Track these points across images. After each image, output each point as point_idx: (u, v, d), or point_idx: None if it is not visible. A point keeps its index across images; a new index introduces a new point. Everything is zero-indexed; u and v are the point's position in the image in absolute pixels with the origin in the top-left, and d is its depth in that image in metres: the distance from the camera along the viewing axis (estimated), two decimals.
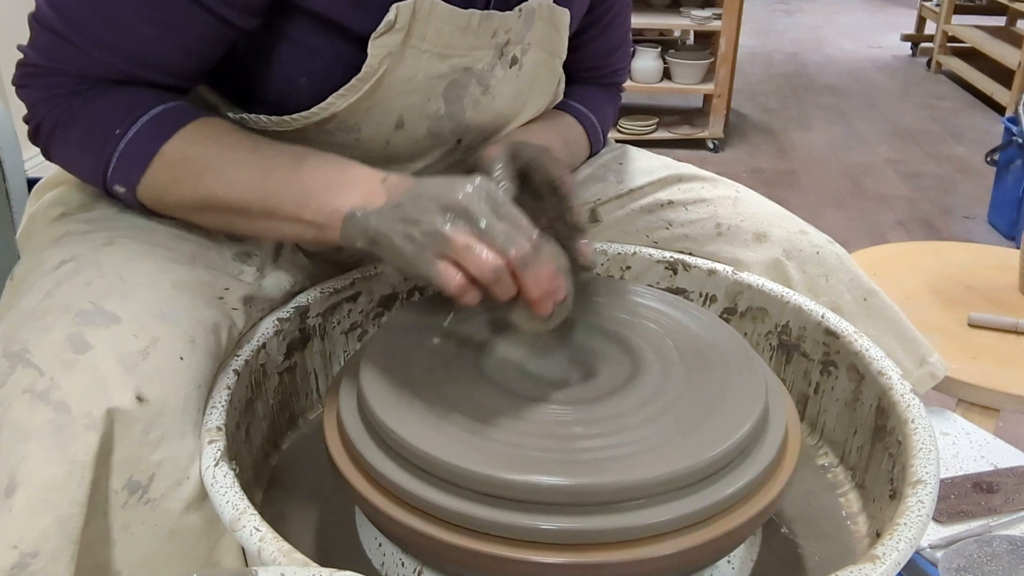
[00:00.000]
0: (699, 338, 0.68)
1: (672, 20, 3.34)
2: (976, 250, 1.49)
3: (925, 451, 0.61)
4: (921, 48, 5.00)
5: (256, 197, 0.65)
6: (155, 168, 0.67)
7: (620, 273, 0.87)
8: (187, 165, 0.66)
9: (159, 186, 0.68)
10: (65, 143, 0.69)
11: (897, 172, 3.27)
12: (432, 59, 0.72)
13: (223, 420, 0.61)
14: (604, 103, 0.96)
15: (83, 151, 0.68)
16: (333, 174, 0.65)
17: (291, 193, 0.64)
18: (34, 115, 0.70)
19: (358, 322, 0.82)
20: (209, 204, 0.67)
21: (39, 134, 0.70)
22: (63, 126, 0.68)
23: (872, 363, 0.70)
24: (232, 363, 0.67)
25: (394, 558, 0.61)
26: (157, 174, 0.67)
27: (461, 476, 0.53)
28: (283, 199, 0.65)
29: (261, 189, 0.65)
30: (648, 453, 0.55)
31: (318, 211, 0.63)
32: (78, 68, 0.67)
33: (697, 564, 0.58)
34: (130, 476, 0.56)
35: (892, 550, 0.52)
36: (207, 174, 0.66)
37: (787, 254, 0.84)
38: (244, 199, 0.66)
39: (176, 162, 0.67)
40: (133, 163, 0.67)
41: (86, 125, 0.67)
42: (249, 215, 0.66)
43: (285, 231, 0.67)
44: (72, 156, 0.70)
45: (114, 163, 0.67)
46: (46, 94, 0.68)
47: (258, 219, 0.66)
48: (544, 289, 0.58)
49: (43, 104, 0.69)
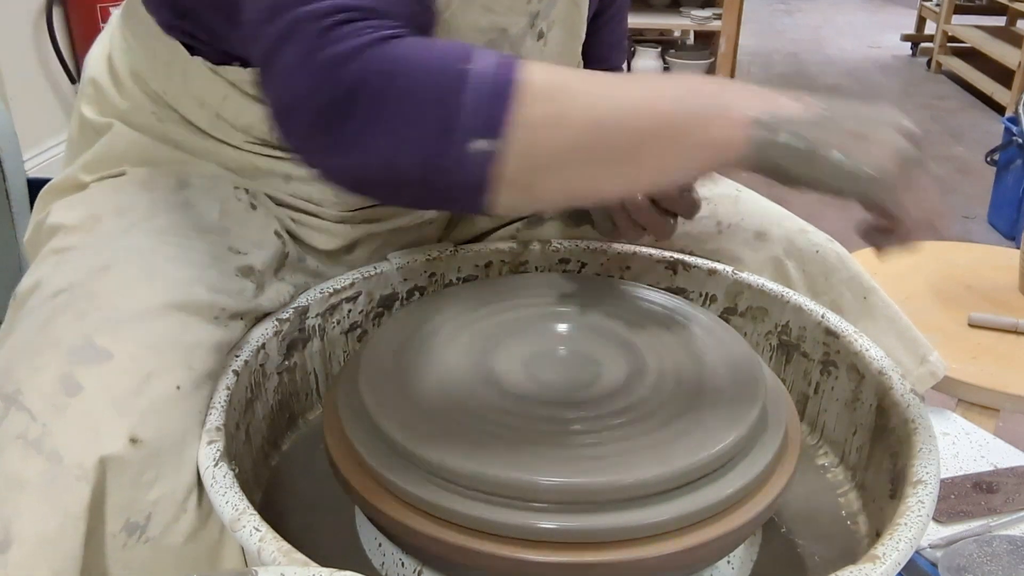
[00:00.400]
0: (699, 338, 0.68)
1: (672, 20, 3.34)
2: (976, 250, 1.49)
3: (925, 451, 0.61)
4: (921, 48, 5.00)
5: (649, 122, 0.54)
6: (522, 98, 0.51)
7: (620, 273, 0.87)
8: (559, 90, 0.53)
9: (532, 124, 0.51)
10: (385, 108, 0.51)
11: None
12: (479, 10, 0.72)
13: (223, 420, 0.61)
14: None
15: (417, 107, 0.51)
16: (724, 85, 0.56)
17: (686, 110, 0.54)
18: (320, 87, 0.51)
19: (358, 322, 0.81)
20: (596, 139, 0.53)
21: (329, 115, 0.51)
22: (382, 82, 0.51)
23: (872, 363, 0.70)
24: (232, 363, 0.67)
25: (394, 558, 0.61)
26: (526, 106, 0.51)
27: (460, 475, 0.53)
28: (677, 118, 0.53)
29: (652, 109, 0.54)
30: (647, 453, 0.55)
31: (722, 126, 0.53)
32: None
33: (697, 564, 0.58)
34: (127, 518, 0.56)
35: (892, 550, 0.52)
36: (583, 98, 0.53)
37: (787, 253, 0.84)
38: (635, 125, 0.53)
39: (544, 87, 0.52)
40: (496, 95, 0.51)
41: (419, 69, 0.51)
42: (643, 148, 0.54)
43: (682, 162, 0.55)
44: (398, 125, 0.52)
45: (470, 104, 0.50)
46: (366, 39, 0.51)
47: (653, 153, 0.54)
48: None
49: (343, 61, 0.51)
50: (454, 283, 0.86)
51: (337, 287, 0.79)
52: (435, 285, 0.85)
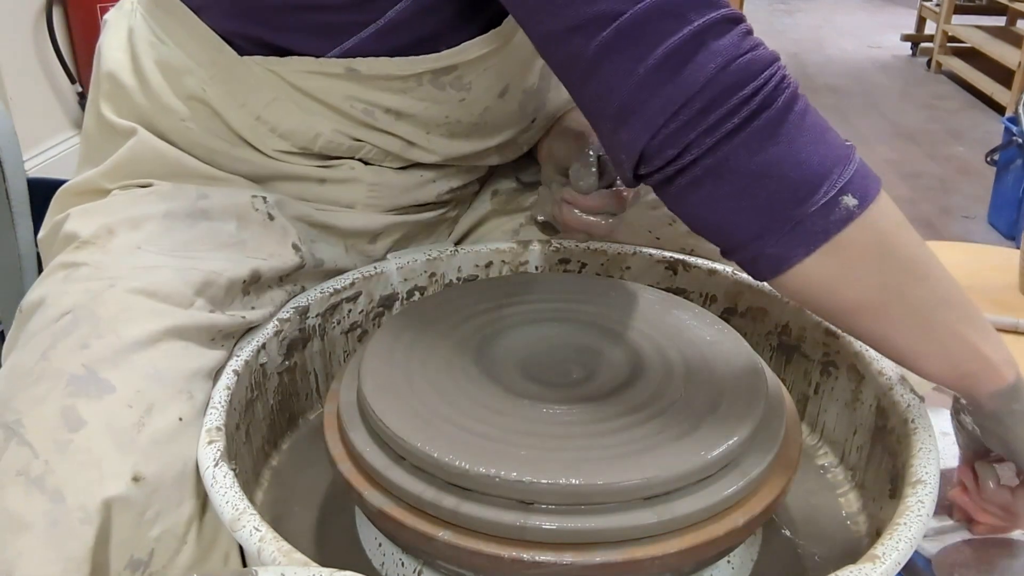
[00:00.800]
0: (699, 339, 0.68)
1: None
2: (976, 250, 1.49)
3: (925, 451, 0.61)
4: (921, 48, 5.00)
5: (944, 295, 0.58)
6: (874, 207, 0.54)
7: (620, 273, 0.87)
8: (896, 227, 0.56)
9: (881, 227, 0.55)
10: (801, 135, 0.54)
11: (897, 172, 3.27)
12: None
13: (223, 420, 0.61)
14: None
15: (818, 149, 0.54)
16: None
17: (973, 320, 0.59)
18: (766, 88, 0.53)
19: (358, 322, 0.82)
20: (892, 297, 0.56)
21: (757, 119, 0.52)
22: (802, 108, 0.54)
23: (872, 363, 0.70)
24: (232, 363, 0.67)
25: (394, 558, 0.61)
26: (859, 229, 0.54)
27: (460, 475, 0.53)
28: (968, 324, 0.59)
29: (954, 296, 0.58)
30: (647, 453, 0.55)
31: (993, 356, 0.60)
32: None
33: (697, 564, 0.58)
34: (131, 556, 0.56)
35: (892, 550, 0.52)
36: (911, 250, 0.57)
37: None
38: (937, 297, 0.58)
39: (879, 224, 0.55)
40: (863, 191, 0.54)
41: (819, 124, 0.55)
42: (934, 310, 0.58)
43: (952, 348, 0.59)
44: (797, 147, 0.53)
45: (842, 172, 0.54)
46: (785, 81, 0.54)
47: (936, 319, 0.58)
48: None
49: (786, 82, 0.54)
50: (454, 283, 0.86)
51: (337, 287, 0.79)
52: (435, 285, 0.85)
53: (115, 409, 0.58)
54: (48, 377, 0.58)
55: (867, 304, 0.57)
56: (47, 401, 0.57)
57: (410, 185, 0.81)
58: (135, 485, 0.56)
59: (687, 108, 0.52)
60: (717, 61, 0.52)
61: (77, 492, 0.54)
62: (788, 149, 0.53)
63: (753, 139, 0.52)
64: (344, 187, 0.78)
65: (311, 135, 0.75)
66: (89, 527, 0.53)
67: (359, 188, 0.79)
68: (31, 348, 0.61)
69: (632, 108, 0.53)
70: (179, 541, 0.57)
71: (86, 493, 0.54)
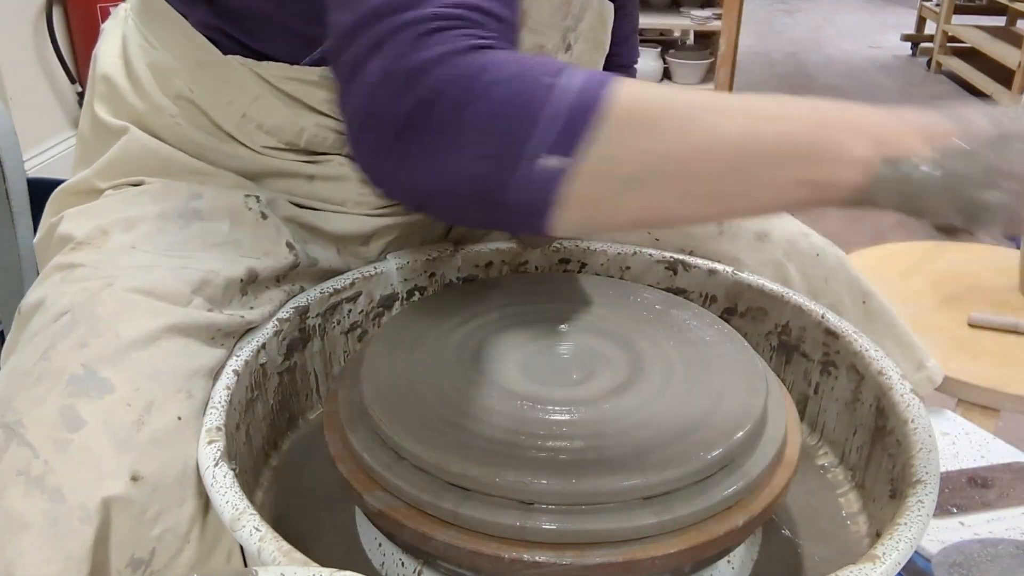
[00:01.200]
0: (699, 339, 0.68)
1: (672, 20, 3.34)
2: (976, 250, 1.49)
3: (925, 451, 0.61)
4: (921, 48, 5.00)
5: (747, 153, 0.50)
6: (606, 115, 0.49)
7: (620, 273, 0.87)
8: (646, 111, 0.50)
9: (613, 143, 0.49)
10: (461, 114, 0.50)
11: None
12: (526, 33, 0.72)
13: (223, 420, 0.61)
14: None
15: (493, 121, 0.50)
16: (834, 114, 0.51)
17: (789, 143, 0.50)
18: (403, 94, 0.50)
19: (358, 322, 0.82)
20: (685, 165, 0.50)
21: (428, 117, 0.50)
22: (465, 92, 0.49)
23: (872, 363, 0.70)
24: (231, 363, 0.67)
25: (394, 558, 0.61)
26: (608, 125, 0.49)
27: (460, 475, 0.53)
28: (780, 152, 0.50)
29: (752, 138, 0.50)
30: (647, 453, 0.55)
31: (829, 165, 0.50)
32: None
33: (697, 564, 0.58)
34: (132, 555, 0.56)
35: (892, 550, 0.52)
36: (674, 121, 0.50)
37: (788, 255, 0.84)
38: (730, 156, 0.50)
39: (631, 108, 0.50)
40: (577, 112, 0.49)
41: (505, 80, 0.49)
42: (739, 178, 0.51)
43: (780, 197, 0.52)
44: (471, 138, 0.50)
45: (547, 119, 0.49)
46: (455, 46, 0.50)
47: (749, 183, 0.51)
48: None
49: (440, 63, 0.49)
50: (454, 283, 0.86)
51: (337, 287, 0.79)
52: (435, 285, 0.85)
53: (114, 408, 0.58)
54: (48, 377, 0.59)
55: (648, 217, 0.53)
56: (47, 401, 0.57)
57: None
58: (134, 484, 0.56)
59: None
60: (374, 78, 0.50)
61: (76, 491, 0.54)
62: (447, 158, 0.50)
63: (417, 160, 0.51)
64: (333, 185, 0.79)
65: (296, 130, 0.76)
66: (88, 526, 0.53)
67: (348, 186, 0.79)
68: (31, 349, 0.62)
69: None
70: (181, 540, 0.57)
71: (85, 492, 0.54)
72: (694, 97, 0.52)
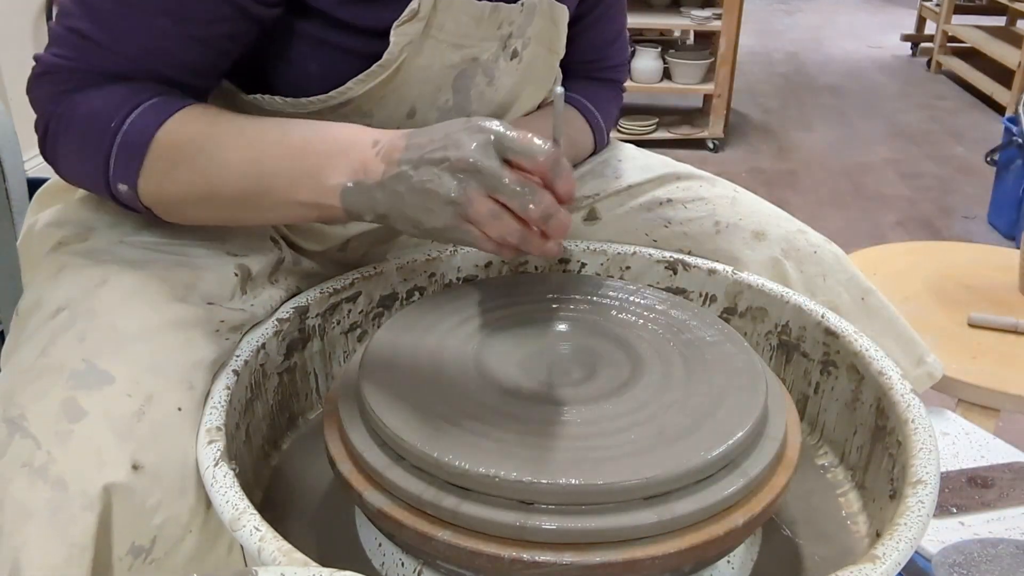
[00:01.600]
0: (699, 339, 0.68)
1: (672, 20, 3.34)
2: (976, 250, 1.49)
3: (925, 451, 0.61)
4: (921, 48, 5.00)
5: (249, 183, 0.63)
6: (152, 156, 0.64)
7: (620, 273, 0.87)
8: (180, 150, 0.64)
9: (157, 176, 0.65)
10: (67, 144, 0.67)
11: (897, 172, 3.27)
12: (447, 49, 0.73)
13: (223, 420, 0.61)
14: (608, 100, 0.96)
15: (83, 151, 0.66)
16: (321, 146, 0.62)
17: (282, 174, 0.63)
18: (40, 119, 0.68)
19: (358, 322, 0.82)
20: (208, 193, 0.65)
21: (46, 140, 0.68)
22: (64, 124, 0.66)
23: (872, 363, 0.70)
24: (231, 363, 0.67)
25: (394, 558, 0.61)
26: (154, 163, 0.65)
27: (460, 475, 0.53)
28: (275, 180, 0.63)
29: (254, 172, 0.63)
30: (647, 453, 0.55)
31: (312, 191, 0.62)
32: (89, 63, 0.65)
33: (697, 564, 0.58)
34: (132, 542, 0.56)
35: (892, 550, 0.52)
36: (199, 159, 0.64)
37: (785, 253, 0.84)
38: (238, 185, 0.64)
39: (170, 147, 0.64)
40: (131, 153, 0.64)
41: (85, 119, 0.65)
42: (247, 203, 0.65)
43: (287, 214, 0.65)
44: (75, 159, 0.68)
45: (114, 156, 0.65)
46: (53, 90, 0.67)
47: (257, 206, 0.65)
48: (566, 231, 0.59)
49: (48, 102, 0.67)
50: (454, 283, 0.86)
51: (337, 287, 0.79)
52: (435, 285, 0.85)
53: (115, 399, 0.58)
54: (49, 372, 0.59)
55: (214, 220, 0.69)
56: (48, 395, 0.58)
57: None
58: (135, 473, 0.56)
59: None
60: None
61: (78, 479, 0.55)
62: (67, 168, 0.70)
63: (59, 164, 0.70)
64: None
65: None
66: (91, 513, 0.54)
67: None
68: (30, 346, 0.62)
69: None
70: (183, 530, 0.58)
71: (86, 480, 0.55)
72: (223, 130, 0.65)
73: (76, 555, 0.53)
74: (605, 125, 0.95)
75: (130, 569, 0.56)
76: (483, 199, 0.57)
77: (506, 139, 0.57)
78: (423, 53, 0.72)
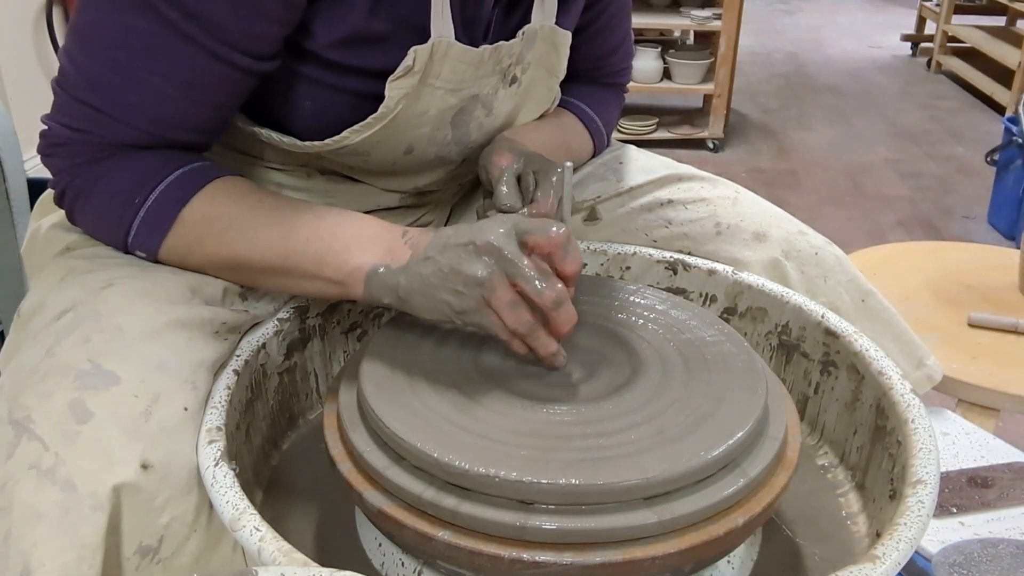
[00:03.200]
0: (699, 339, 0.68)
1: (672, 20, 3.34)
2: (976, 250, 1.49)
3: (925, 451, 0.61)
4: (921, 48, 5.00)
5: (277, 256, 0.66)
6: (176, 232, 0.67)
7: (620, 273, 0.87)
8: (208, 226, 0.67)
9: (181, 248, 0.68)
10: (85, 212, 0.69)
11: (897, 172, 3.27)
12: (445, 94, 0.73)
13: (223, 420, 0.61)
14: (608, 103, 0.96)
15: (103, 220, 0.69)
16: (352, 230, 0.65)
17: (311, 251, 0.65)
18: (58, 183, 0.69)
19: (358, 322, 0.82)
20: (232, 264, 0.68)
21: (63, 201, 0.70)
22: (84, 196, 0.68)
23: (872, 363, 0.70)
24: (232, 363, 0.67)
25: (394, 558, 0.61)
26: (178, 238, 0.67)
27: (461, 476, 0.53)
28: (303, 258, 0.65)
29: (282, 248, 0.65)
30: (647, 453, 0.55)
31: (338, 269, 0.64)
32: (101, 135, 0.67)
33: (697, 564, 0.58)
34: (140, 542, 0.56)
35: (892, 550, 0.52)
36: (228, 234, 0.67)
37: (786, 254, 0.84)
38: (265, 258, 0.66)
39: (197, 223, 0.67)
40: (153, 230, 0.67)
41: (105, 194, 0.67)
42: (271, 274, 0.67)
43: (307, 288, 0.67)
44: (93, 224, 0.71)
45: (134, 231, 0.67)
46: (69, 163, 0.68)
47: (280, 277, 0.67)
48: (571, 325, 0.61)
49: (66, 173, 0.68)
50: None
51: None
52: None
53: (122, 399, 0.58)
54: (54, 373, 0.59)
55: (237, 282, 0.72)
56: (55, 396, 0.58)
57: (368, 192, 0.83)
58: (144, 472, 0.56)
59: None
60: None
61: (87, 480, 0.55)
62: (88, 227, 0.72)
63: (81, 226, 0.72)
64: (302, 195, 0.81)
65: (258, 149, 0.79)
66: (101, 513, 0.54)
67: (315, 196, 0.81)
68: (35, 347, 0.62)
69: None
70: (188, 528, 0.58)
71: (96, 481, 0.55)
72: (251, 207, 0.67)
73: (87, 556, 0.53)
74: (605, 129, 0.95)
75: (137, 569, 0.56)
76: (506, 287, 0.59)
77: (523, 223, 0.60)
78: (420, 100, 0.72)
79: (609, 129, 0.96)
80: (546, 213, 0.72)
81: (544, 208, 0.72)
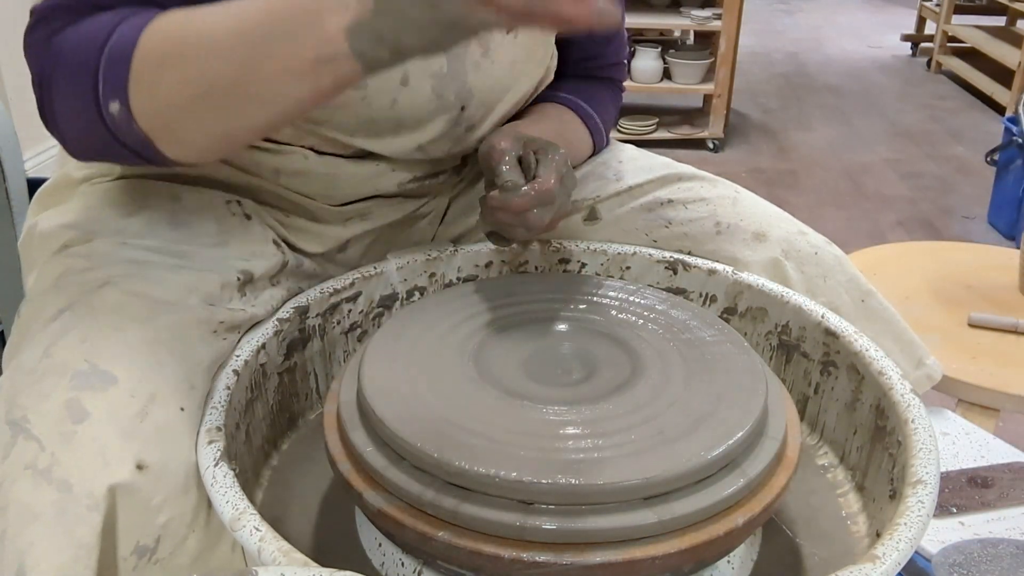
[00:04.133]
0: (699, 339, 0.68)
1: (672, 20, 3.34)
2: (976, 250, 1.49)
3: (925, 451, 0.61)
4: (921, 48, 5.00)
5: (245, 55, 0.56)
6: (138, 60, 0.58)
7: (620, 273, 0.87)
8: (166, 45, 0.58)
9: (148, 82, 0.58)
10: (60, 80, 0.62)
11: (897, 172, 3.27)
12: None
13: (223, 420, 0.61)
14: (605, 100, 0.96)
15: (74, 75, 0.60)
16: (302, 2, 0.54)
17: (278, 36, 0.55)
18: (35, 75, 0.63)
19: (358, 322, 0.82)
20: (204, 88, 0.57)
21: (42, 92, 0.63)
22: (54, 61, 0.62)
23: (872, 363, 0.70)
24: (231, 363, 0.67)
25: (394, 558, 0.61)
26: (142, 67, 0.58)
27: (460, 475, 0.53)
28: (272, 47, 0.55)
29: (246, 43, 0.56)
30: (647, 453, 0.55)
31: (317, 41, 0.53)
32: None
33: (697, 564, 0.58)
34: (137, 542, 0.56)
35: (892, 550, 0.52)
36: (186, 49, 0.58)
37: (786, 254, 0.84)
38: (234, 64, 0.56)
39: (155, 47, 0.58)
40: (118, 63, 0.58)
41: (74, 46, 0.61)
42: (249, 87, 0.57)
43: (297, 91, 0.56)
44: (68, 95, 0.62)
45: (102, 71, 0.59)
46: (45, 34, 0.63)
47: (261, 90, 0.57)
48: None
49: (41, 48, 0.63)
50: (454, 283, 0.86)
51: (337, 287, 0.79)
52: (435, 285, 0.85)
53: (118, 400, 0.58)
54: (51, 373, 0.59)
55: (224, 131, 0.61)
56: (51, 396, 0.58)
57: (367, 175, 0.81)
58: (139, 473, 0.56)
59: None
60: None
61: (83, 480, 0.55)
62: (63, 116, 0.63)
63: (55, 115, 0.64)
64: (299, 180, 0.79)
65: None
66: (96, 513, 0.54)
67: (313, 180, 0.79)
68: (32, 348, 0.62)
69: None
70: (187, 528, 0.58)
71: (92, 480, 0.55)
72: (203, 16, 0.58)
73: (83, 556, 0.53)
74: (604, 126, 0.95)
75: (134, 569, 0.56)
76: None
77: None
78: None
79: (608, 127, 0.96)
80: (548, 190, 0.71)
81: (547, 185, 0.71)
